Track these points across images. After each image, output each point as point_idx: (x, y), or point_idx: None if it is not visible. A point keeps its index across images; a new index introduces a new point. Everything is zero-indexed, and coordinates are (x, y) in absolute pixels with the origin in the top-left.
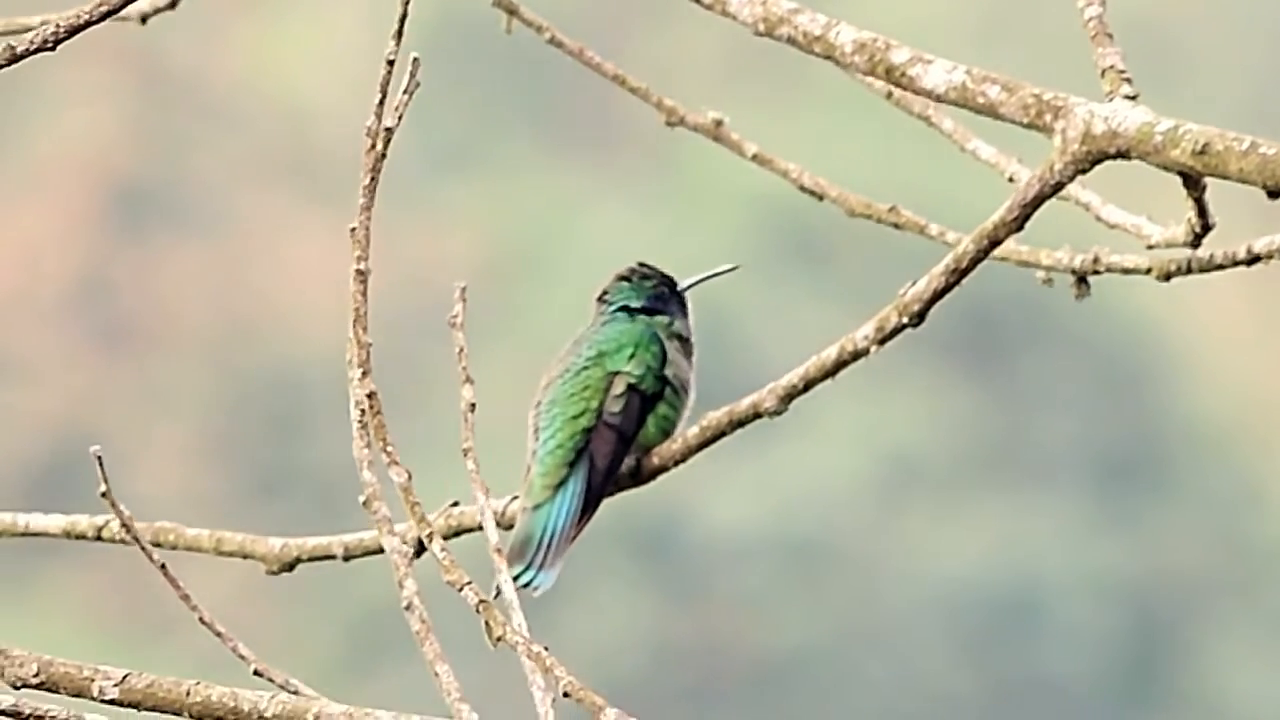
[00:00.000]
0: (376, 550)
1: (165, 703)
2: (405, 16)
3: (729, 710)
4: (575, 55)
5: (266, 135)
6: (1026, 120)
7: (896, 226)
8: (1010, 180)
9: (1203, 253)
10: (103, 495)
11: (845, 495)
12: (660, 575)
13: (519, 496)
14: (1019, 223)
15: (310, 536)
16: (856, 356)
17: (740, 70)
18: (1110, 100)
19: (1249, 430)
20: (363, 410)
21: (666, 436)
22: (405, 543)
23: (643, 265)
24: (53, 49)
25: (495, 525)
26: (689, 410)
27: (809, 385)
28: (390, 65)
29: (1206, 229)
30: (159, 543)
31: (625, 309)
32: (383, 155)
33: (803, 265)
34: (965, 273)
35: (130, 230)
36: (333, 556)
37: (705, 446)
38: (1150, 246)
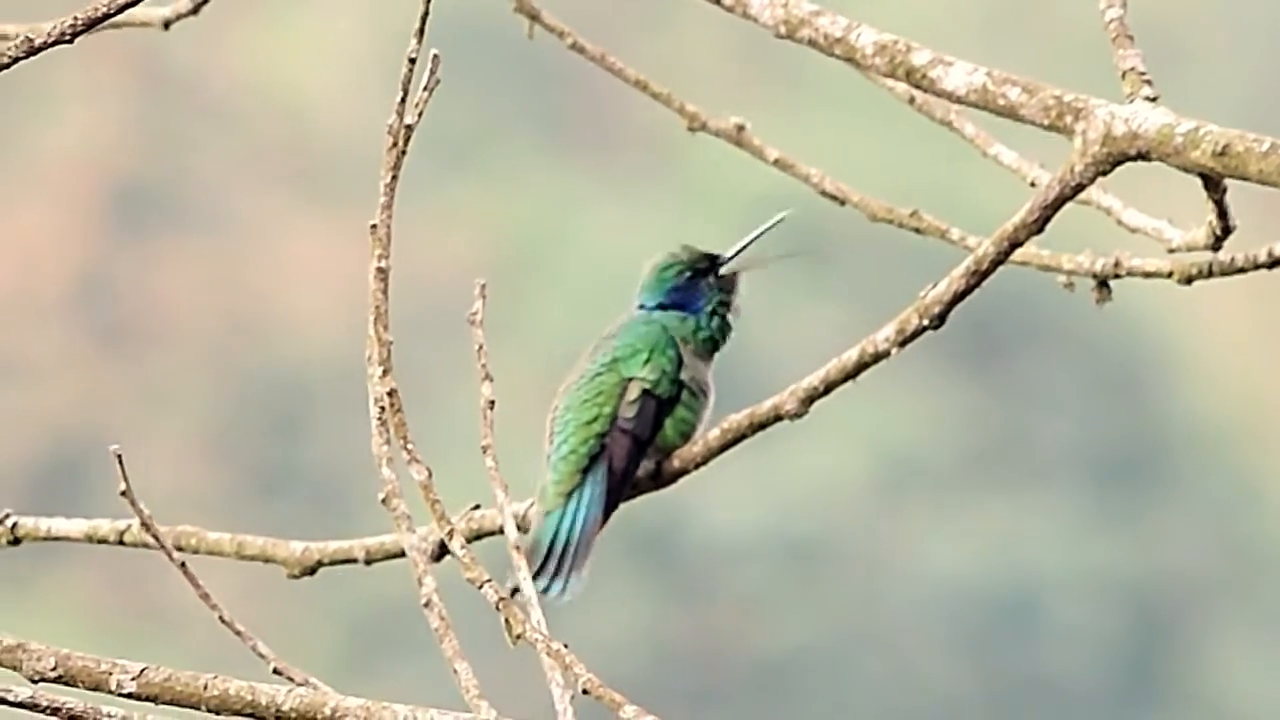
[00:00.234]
0: (399, 554)
1: (182, 696)
2: (427, 15)
3: (729, 710)
4: (597, 61)
5: (266, 135)
6: (1047, 122)
7: (918, 231)
8: (1032, 185)
9: (1223, 256)
10: (122, 494)
11: (845, 495)
12: (660, 575)
13: (535, 501)
14: (1039, 225)
15: (331, 540)
16: (878, 358)
17: (740, 70)
18: (1131, 102)
19: (1249, 430)
20: (383, 408)
21: (686, 439)
22: (426, 544)
23: (671, 254)
24: (70, 42)
25: (515, 526)
26: (709, 412)
27: (830, 388)
28: (411, 63)
29: (1227, 231)
30: (180, 546)
31: (643, 308)
32: (403, 153)
33: (804, 265)
34: (986, 274)
35: (130, 230)
36: (354, 560)
37: (726, 449)
38: (1171, 250)
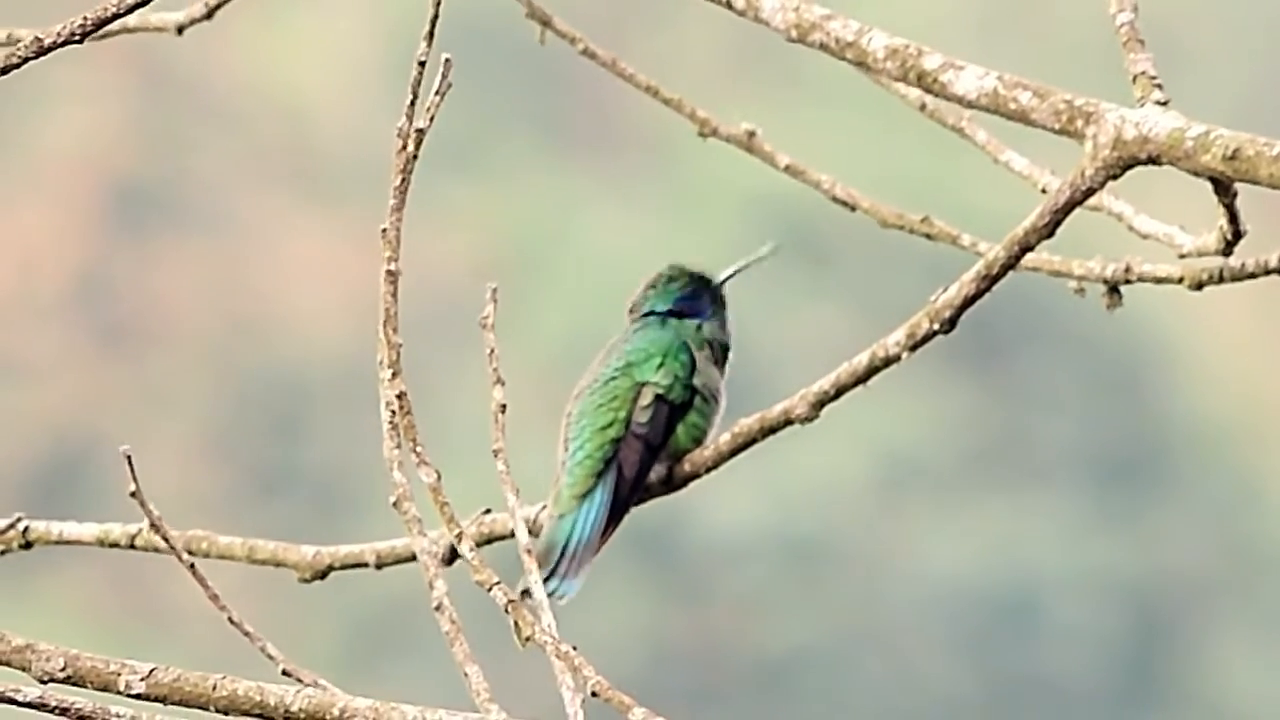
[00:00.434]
0: (410, 558)
1: (191, 697)
2: (437, 18)
3: (729, 710)
4: (609, 66)
5: (266, 135)
6: (1058, 126)
7: (929, 237)
8: (1043, 191)
9: (1234, 261)
10: (132, 495)
11: (845, 495)
12: (660, 575)
13: (547, 505)
14: (1050, 229)
15: (340, 544)
16: (888, 362)
17: (741, 68)
18: (1141, 106)
19: (1249, 430)
20: (393, 411)
21: (698, 444)
22: (437, 547)
23: (672, 267)
24: (80, 42)
25: (526, 528)
26: (720, 416)
27: (840, 392)
28: (421, 66)
29: (1238, 236)
30: (191, 550)
31: (653, 313)
32: (414, 156)
33: (803, 265)
34: (996, 279)
35: (130, 230)
36: (365, 564)
37: (737, 453)
38: (1182, 256)
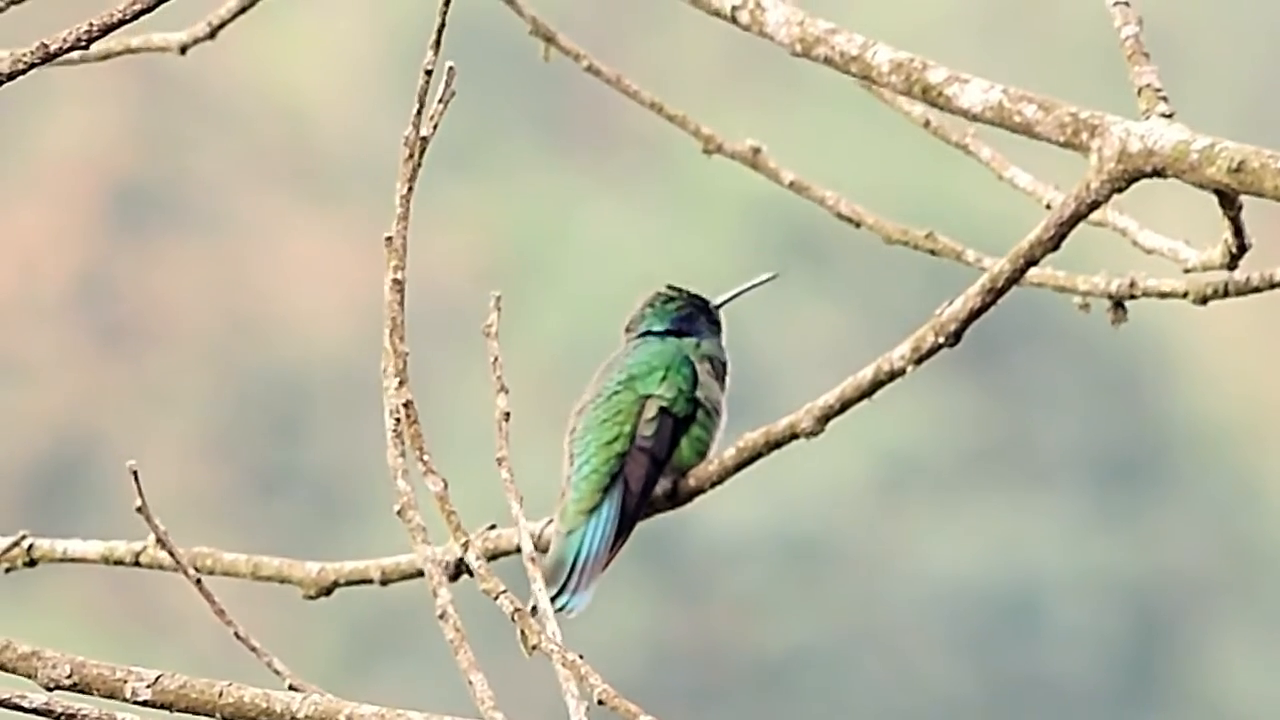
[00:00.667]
0: (415, 574)
1: (198, 704)
2: (443, 26)
3: (729, 710)
4: (613, 84)
5: (266, 135)
6: (1063, 139)
7: (933, 253)
8: (1047, 207)
9: (1239, 276)
10: (138, 510)
11: (845, 495)
12: (660, 575)
13: (554, 520)
14: (1055, 242)
15: (346, 560)
16: (893, 376)
17: (736, 71)
18: (1146, 118)
19: (1249, 430)
20: (398, 419)
21: (701, 458)
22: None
23: (669, 288)
24: (86, 47)
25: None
26: (722, 431)
27: (845, 406)
28: (428, 74)
29: (1243, 249)
30: (195, 567)
31: (650, 333)
32: (419, 165)
33: (802, 265)
34: (1002, 292)
35: (130, 230)
36: (370, 580)
37: (741, 468)
38: (1187, 270)
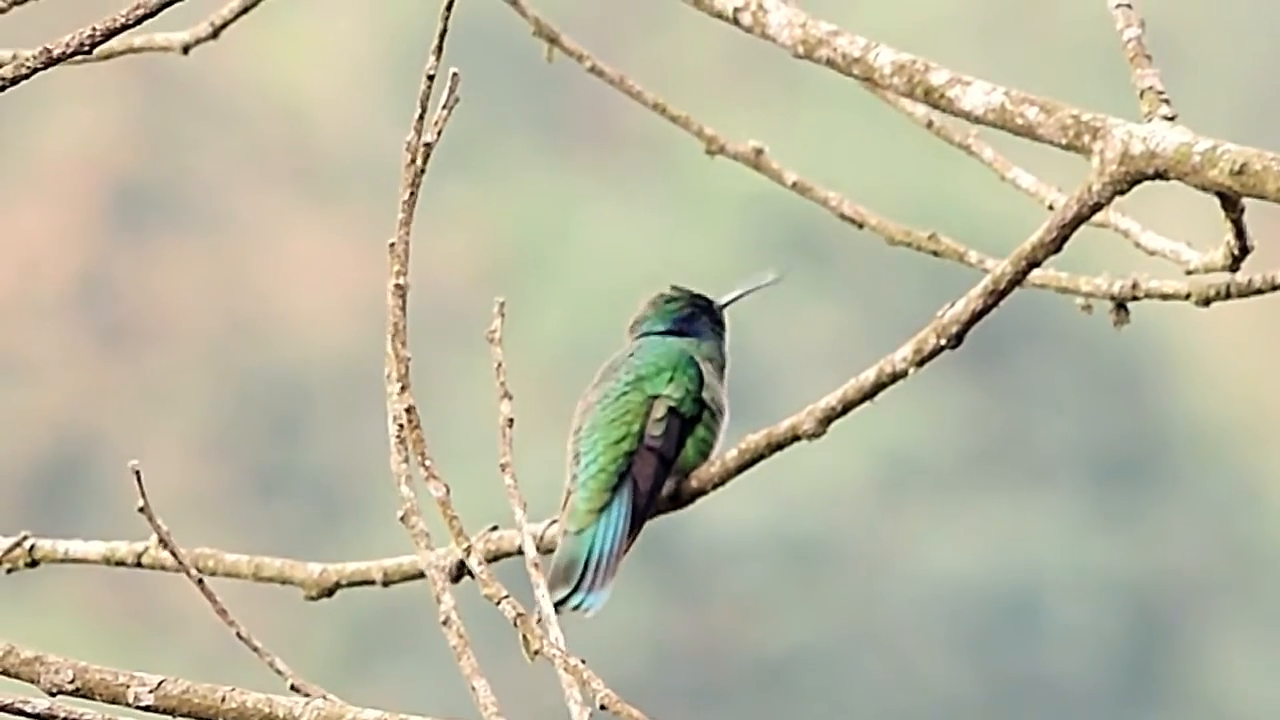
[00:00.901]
0: (417, 575)
1: (200, 709)
2: (445, 32)
3: (729, 710)
4: (616, 84)
5: (266, 135)
6: (1065, 141)
7: (935, 254)
8: (1050, 208)
9: (1241, 277)
10: (140, 510)
11: (845, 495)
12: (660, 575)
13: (558, 521)
14: (1057, 244)
15: (346, 552)
16: (895, 378)
17: (737, 69)
18: (1148, 121)
19: (1249, 430)
20: (400, 425)
21: (705, 459)
22: (445, 563)
23: (673, 288)
24: (89, 52)
25: (534, 544)
26: (725, 431)
27: (848, 408)
28: (430, 80)
29: (1245, 251)
30: (198, 568)
31: (652, 334)
32: (422, 170)
33: (804, 266)
34: (1004, 294)
35: (130, 230)
36: (372, 582)
37: (744, 469)
38: (1189, 272)
